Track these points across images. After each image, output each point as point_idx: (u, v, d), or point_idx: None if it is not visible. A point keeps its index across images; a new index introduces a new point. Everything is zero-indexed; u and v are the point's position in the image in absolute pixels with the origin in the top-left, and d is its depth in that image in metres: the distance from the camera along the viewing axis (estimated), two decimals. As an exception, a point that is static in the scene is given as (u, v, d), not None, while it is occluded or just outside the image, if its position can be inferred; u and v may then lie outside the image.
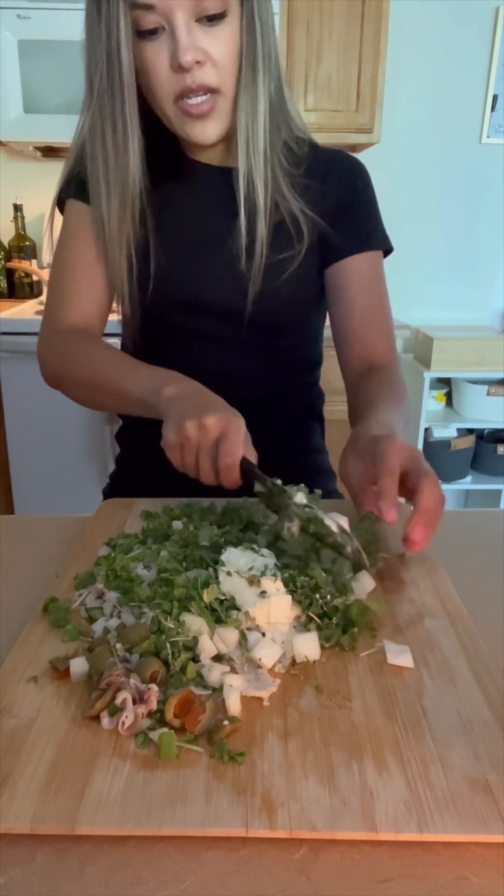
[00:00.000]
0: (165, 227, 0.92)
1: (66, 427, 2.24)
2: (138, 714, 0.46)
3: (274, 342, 0.99)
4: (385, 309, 0.97)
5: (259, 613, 0.55)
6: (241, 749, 0.44)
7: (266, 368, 1.00)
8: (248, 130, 0.85)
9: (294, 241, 0.91)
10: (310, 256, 0.93)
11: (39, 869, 0.38)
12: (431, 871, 0.38)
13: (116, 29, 0.76)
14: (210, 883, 0.37)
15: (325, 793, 0.41)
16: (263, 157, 0.87)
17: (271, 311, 0.94)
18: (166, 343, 0.98)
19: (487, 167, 2.68)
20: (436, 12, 2.50)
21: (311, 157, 0.94)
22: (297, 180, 0.91)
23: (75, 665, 0.52)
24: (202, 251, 0.93)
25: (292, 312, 0.97)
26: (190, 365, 0.97)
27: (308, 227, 0.91)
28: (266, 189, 0.88)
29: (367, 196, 0.97)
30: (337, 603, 0.57)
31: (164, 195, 0.93)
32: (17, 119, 2.24)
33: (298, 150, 0.93)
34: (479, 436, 2.75)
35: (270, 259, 0.90)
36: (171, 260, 0.92)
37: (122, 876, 0.38)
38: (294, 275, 0.92)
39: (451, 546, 0.76)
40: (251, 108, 0.84)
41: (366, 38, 2.23)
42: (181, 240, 0.93)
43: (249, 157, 0.86)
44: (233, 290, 0.92)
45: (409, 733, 0.46)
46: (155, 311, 0.95)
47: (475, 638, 0.57)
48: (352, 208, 0.95)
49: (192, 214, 0.94)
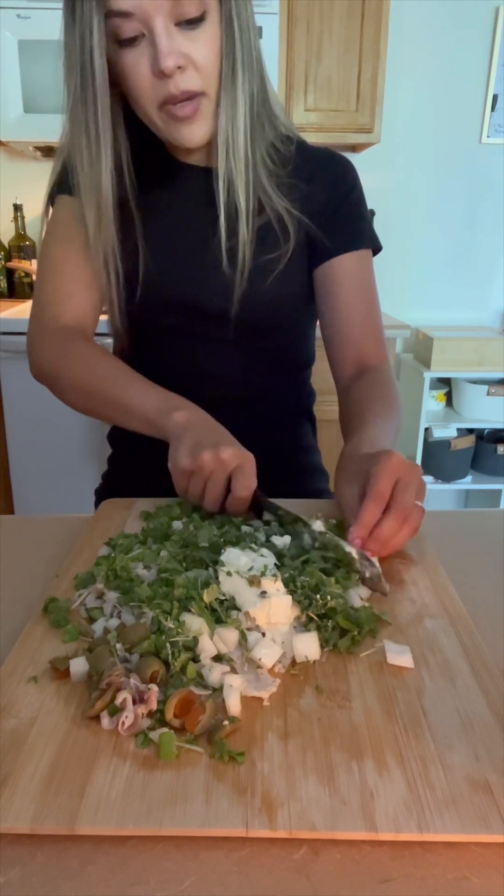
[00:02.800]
0: (153, 232, 0.92)
1: (66, 427, 2.24)
2: (138, 714, 0.46)
3: (262, 342, 0.98)
4: (375, 310, 0.97)
5: (259, 614, 0.54)
6: (241, 749, 0.44)
7: (255, 368, 1.00)
8: (228, 132, 0.84)
9: (280, 242, 0.91)
10: (298, 257, 0.93)
11: (39, 869, 0.38)
12: (431, 871, 0.38)
13: (90, 37, 0.75)
14: (210, 883, 0.37)
15: (325, 793, 0.41)
16: (245, 159, 0.86)
17: (258, 312, 0.93)
18: (154, 343, 0.98)
19: (487, 167, 2.68)
20: (436, 12, 2.50)
21: (298, 156, 0.93)
22: (283, 180, 0.91)
23: (75, 665, 0.52)
24: (188, 253, 0.93)
25: (280, 313, 0.96)
26: (177, 365, 0.98)
27: (294, 227, 0.90)
28: (248, 190, 0.87)
29: (354, 195, 0.96)
30: (335, 604, 0.56)
31: (152, 200, 0.93)
32: (17, 119, 2.24)
33: (285, 149, 0.92)
34: (479, 436, 2.75)
35: (256, 260, 0.90)
36: (159, 264, 0.92)
37: (122, 876, 0.38)
38: (281, 275, 0.91)
39: (451, 546, 0.76)
40: (231, 109, 0.83)
41: (366, 38, 2.23)
42: (168, 243, 0.93)
43: (229, 160, 0.85)
44: (218, 292, 0.92)
45: (409, 733, 0.46)
46: (142, 315, 0.95)
47: (475, 638, 0.57)
48: (340, 208, 0.94)
49: (178, 217, 0.94)
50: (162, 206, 0.94)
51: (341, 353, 0.96)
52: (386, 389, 0.89)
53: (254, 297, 0.91)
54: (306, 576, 0.59)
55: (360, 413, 0.85)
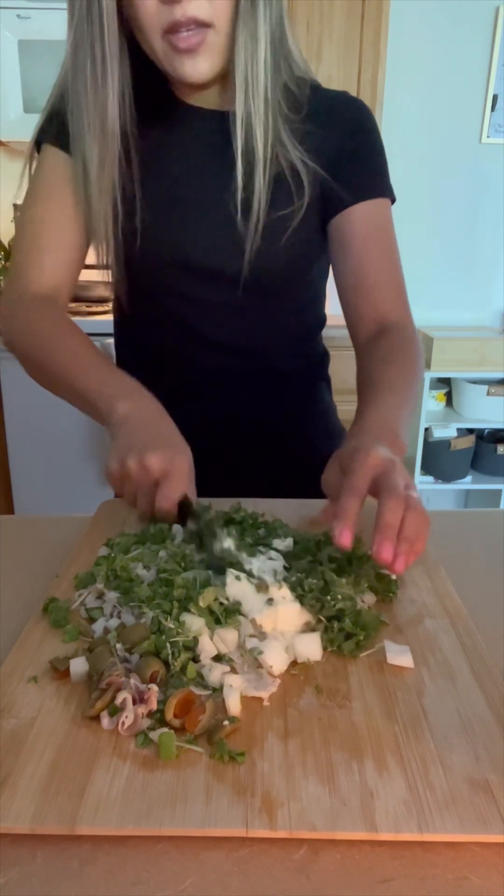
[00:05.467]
0: (152, 179, 0.85)
1: (66, 427, 2.24)
2: (138, 714, 0.46)
3: (272, 306, 0.92)
4: (395, 262, 0.88)
5: (266, 621, 0.54)
6: (241, 749, 0.44)
7: (262, 335, 0.94)
8: (248, 70, 0.76)
9: (294, 197, 0.83)
10: (311, 212, 0.86)
11: (39, 869, 0.38)
12: (431, 871, 0.38)
13: None
14: (210, 883, 0.37)
15: (325, 793, 0.41)
16: (264, 101, 0.78)
17: (269, 274, 0.87)
18: (157, 307, 0.92)
19: (487, 167, 2.68)
20: (436, 12, 2.50)
21: (313, 99, 0.85)
22: (297, 126, 0.83)
23: (75, 665, 0.52)
24: (193, 207, 0.86)
25: (292, 274, 0.90)
26: (177, 330, 0.91)
27: (309, 180, 0.83)
28: (266, 136, 0.79)
29: (371, 140, 0.88)
30: (343, 606, 0.56)
31: (152, 143, 0.85)
32: (17, 119, 2.24)
33: (299, 92, 0.84)
34: (479, 436, 2.75)
35: (270, 216, 0.83)
36: (159, 217, 0.85)
37: (122, 876, 0.38)
38: (294, 234, 0.84)
39: (451, 546, 0.76)
40: (251, 43, 0.75)
41: (366, 38, 2.23)
42: (170, 194, 0.86)
43: (249, 100, 0.77)
44: (228, 251, 0.85)
45: (409, 733, 0.46)
46: (142, 272, 0.89)
47: (475, 638, 0.57)
48: (356, 154, 0.86)
49: (183, 165, 0.86)
50: (163, 150, 0.86)
51: (358, 310, 0.87)
52: (405, 350, 0.81)
53: (265, 257, 0.84)
54: (314, 577, 0.58)
55: (373, 383, 0.78)
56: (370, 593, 0.62)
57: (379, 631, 0.57)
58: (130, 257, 0.88)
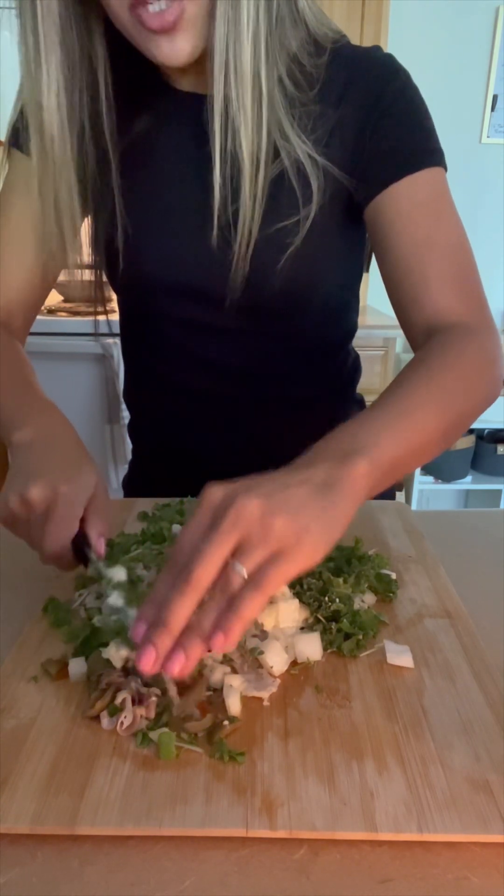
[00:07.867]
0: (132, 185, 0.72)
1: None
2: (137, 715, 0.46)
3: (279, 328, 0.79)
4: (450, 245, 0.69)
5: (267, 620, 0.54)
6: (241, 749, 0.44)
7: (269, 357, 0.81)
8: (227, 46, 0.61)
9: (299, 202, 0.68)
10: (326, 215, 0.71)
11: (39, 869, 0.38)
12: (431, 871, 0.38)
13: None
14: (210, 883, 0.37)
15: (325, 793, 0.41)
16: (252, 84, 0.62)
17: (266, 298, 0.73)
18: (154, 332, 0.82)
19: (487, 167, 2.68)
20: (435, 12, 2.50)
21: (332, 67, 0.69)
22: (308, 108, 0.67)
23: (75, 665, 0.52)
24: (178, 217, 0.72)
25: (299, 297, 0.75)
26: (178, 355, 0.81)
27: (319, 181, 0.68)
28: (255, 130, 0.64)
29: (403, 102, 0.70)
30: (339, 608, 0.56)
31: (137, 140, 0.72)
32: (17, 119, 2.24)
33: (312, 63, 0.68)
34: (479, 436, 2.75)
35: (265, 230, 0.68)
36: (140, 227, 0.73)
37: (122, 876, 0.38)
38: (301, 249, 0.70)
39: (451, 546, 0.76)
40: (233, 10, 0.60)
41: (366, 38, 2.23)
42: (150, 201, 0.73)
43: (229, 86, 0.62)
44: (210, 272, 0.72)
45: (409, 733, 0.46)
46: (131, 294, 0.80)
47: (475, 638, 0.57)
48: (382, 123, 0.69)
49: (171, 164, 0.73)
50: (149, 148, 0.73)
51: (408, 316, 0.69)
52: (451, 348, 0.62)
53: (260, 280, 0.70)
54: (313, 576, 0.58)
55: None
56: (370, 593, 0.62)
57: (379, 631, 0.57)
58: (115, 278, 0.79)
